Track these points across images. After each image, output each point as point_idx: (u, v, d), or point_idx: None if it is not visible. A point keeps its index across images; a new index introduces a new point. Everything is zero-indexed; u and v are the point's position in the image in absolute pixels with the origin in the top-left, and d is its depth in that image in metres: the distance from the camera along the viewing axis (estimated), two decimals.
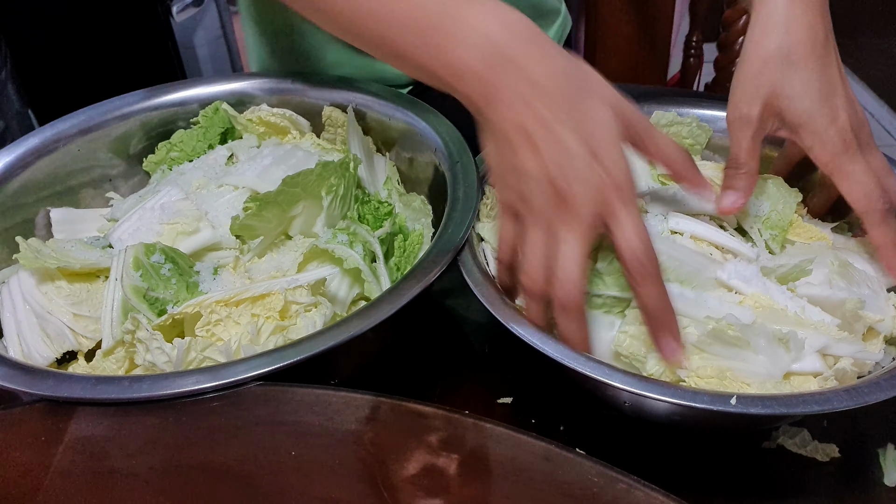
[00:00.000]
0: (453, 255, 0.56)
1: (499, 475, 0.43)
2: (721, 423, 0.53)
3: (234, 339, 0.53)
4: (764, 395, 0.47)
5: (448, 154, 0.65)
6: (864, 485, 0.52)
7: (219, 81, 0.78)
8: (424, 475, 0.43)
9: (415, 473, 0.43)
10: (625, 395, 0.48)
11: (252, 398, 0.48)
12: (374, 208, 0.67)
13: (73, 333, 0.58)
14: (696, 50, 1.41)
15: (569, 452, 0.44)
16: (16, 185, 0.68)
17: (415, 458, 0.44)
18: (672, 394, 0.46)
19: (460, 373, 0.62)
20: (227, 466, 0.44)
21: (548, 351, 0.49)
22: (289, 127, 0.75)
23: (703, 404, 0.45)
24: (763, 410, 0.45)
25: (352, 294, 0.61)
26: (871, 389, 0.46)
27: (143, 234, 0.63)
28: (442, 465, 0.44)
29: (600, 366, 0.48)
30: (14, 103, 1.52)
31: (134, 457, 0.45)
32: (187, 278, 0.59)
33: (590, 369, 0.47)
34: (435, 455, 0.44)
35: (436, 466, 0.43)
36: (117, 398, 0.48)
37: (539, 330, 0.50)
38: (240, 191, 0.66)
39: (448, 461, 0.44)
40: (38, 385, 0.49)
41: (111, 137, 0.74)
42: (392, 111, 0.72)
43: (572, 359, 0.48)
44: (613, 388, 0.47)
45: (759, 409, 0.45)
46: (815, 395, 0.46)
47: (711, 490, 0.53)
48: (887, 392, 0.46)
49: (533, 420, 0.57)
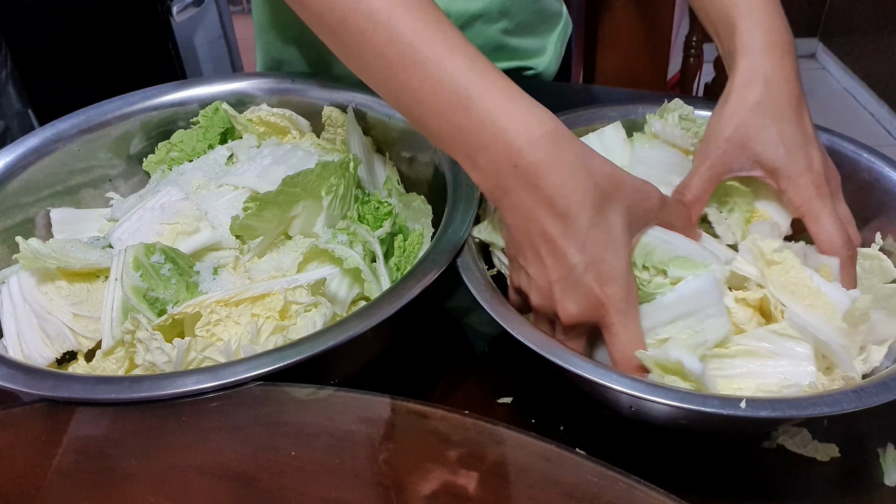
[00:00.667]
0: (453, 255, 0.56)
1: (498, 475, 0.43)
2: (729, 426, 0.53)
3: (234, 340, 0.53)
4: (773, 398, 0.47)
5: (448, 154, 0.65)
6: (864, 485, 0.52)
7: (219, 81, 0.78)
8: (426, 472, 0.43)
9: (416, 471, 0.43)
10: (628, 399, 0.48)
11: (252, 398, 0.48)
12: (373, 208, 0.67)
13: (72, 333, 0.58)
14: (695, 50, 1.42)
15: (569, 452, 0.44)
16: (16, 185, 0.68)
17: (416, 457, 0.44)
18: (680, 398, 0.46)
19: (460, 373, 0.62)
20: (227, 467, 0.44)
21: (554, 359, 0.48)
22: (289, 127, 0.75)
23: (712, 408, 0.45)
24: (773, 413, 0.45)
25: (352, 294, 0.61)
26: (878, 390, 0.46)
27: (143, 234, 0.63)
28: (443, 463, 0.44)
29: (602, 369, 0.48)
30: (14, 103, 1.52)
31: (134, 457, 0.45)
32: (187, 278, 0.59)
33: (591, 373, 0.47)
34: (435, 454, 0.44)
35: (437, 464, 0.43)
36: (117, 398, 0.48)
37: (539, 333, 0.50)
38: (240, 191, 0.66)
39: (449, 460, 0.44)
40: (38, 385, 0.49)
41: (111, 137, 0.74)
42: (392, 111, 0.72)
43: (574, 363, 0.48)
44: (616, 392, 0.47)
45: (769, 413, 0.45)
46: (824, 397, 0.46)
47: (711, 490, 0.53)
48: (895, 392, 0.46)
49: (533, 420, 0.57)
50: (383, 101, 0.72)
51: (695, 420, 0.50)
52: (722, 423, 0.51)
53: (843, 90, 2.76)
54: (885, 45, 2.53)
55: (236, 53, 2.00)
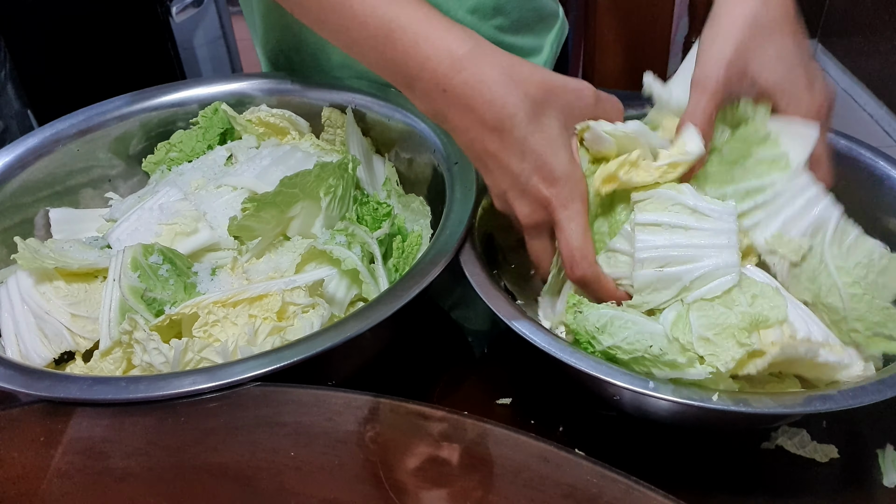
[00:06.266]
0: (451, 256, 0.56)
1: (498, 476, 0.43)
2: (725, 422, 0.52)
3: (232, 340, 0.53)
4: (769, 393, 0.47)
5: (447, 155, 0.65)
6: (862, 486, 0.52)
7: (218, 82, 0.78)
8: (425, 472, 0.43)
9: (415, 471, 0.43)
10: (625, 393, 0.48)
11: (251, 399, 0.48)
12: (372, 209, 0.67)
13: (70, 334, 0.58)
14: None
15: (568, 453, 0.44)
16: (15, 185, 0.68)
17: (415, 458, 0.44)
18: (678, 394, 0.46)
19: (460, 373, 0.62)
20: (226, 467, 0.44)
21: (558, 354, 0.48)
22: (288, 128, 0.75)
23: (716, 405, 0.45)
24: (771, 409, 0.45)
25: (350, 295, 0.61)
26: (875, 388, 0.46)
27: (141, 235, 0.63)
28: (442, 463, 0.43)
29: (602, 365, 0.48)
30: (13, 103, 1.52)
31: (132, 457, 0.45)
32: (185, 279, 0.59)
33: (592, 368, 0.47)
34: (435, 455, 0.44)
35: (437, 464, 0.43)
36: (114, 399, 0.48)
37: (540, 329, 0.50)
38: (238, 191, 0.66)
39: (449, 461, 0.44)
40: (35, 385, 0.49)
41: (110, 138, 0.74)
42: (391, 112, 0.72)
43: (576, 358, 0.48)
44: (614, 387, 0.47)
45: (765, 409, 0.45)
46: (818, 396, 0.46)
47: (711, 491, 0.53)
48: (893, 390, 0.46)
49: (532, 420, 0.57)
50: (383, 102, 0.73)
51: (692, 416, 0.50)
52: (720, 419, 0.51)
53: (842, 91, 2.76)
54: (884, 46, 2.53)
55: (236, 54, 2.00)
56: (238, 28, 2.02)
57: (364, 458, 0.44)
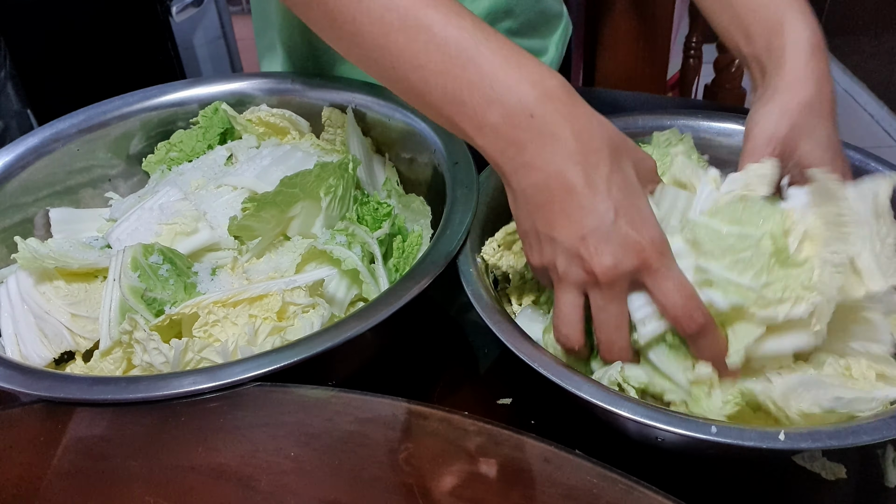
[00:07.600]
0: (452, 256, 0.56)
1: (498, 476, 0.43)
2: (765, 457, 0.51)
3: (232, 340, 0.53)
4: (811, 429, 0.44)
5: (447, 155, 0.65)
6: (863, 486, 0.52)
7: (218, 81, 0.78)
8: (425, 472, 0.43)
9: (415, 472, 0.43)
10: (659, 432, 0.46)
11: (251, 399, 0.48)
12: (373, 209, 0.67)
13: (70, 334, 0.58)
14: (695, 51, 1.41)
15: (568, 454, 0.44)
16: (15, 184, 0.68)
17: (415, 458, 0.44)
18: (717, 433, 0.43)
19: (460, 373, 0.62)
20: (226, 467, 0.44)
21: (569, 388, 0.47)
22: (288, 127, 0.75)
23: (751, 442, 0.43)
24: (814, 444, 0.43)
25: (350, 295, 0.61)
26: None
27: (141, 235, 0.63)
28: (441, 465, 0.43)
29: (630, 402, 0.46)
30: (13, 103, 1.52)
31: (133, 458, 0.45)
32: (185, 279, 0.59)
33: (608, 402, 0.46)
34: (435, 455, 0.44)
35: (435, 467, 0.43)
36: (114, 399, 0.48)
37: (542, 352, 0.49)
38: (239, 191, 0.66)
39: (447, 463, 0.44)
40: (35, 385, 0.49)
41: (111, 137, 0.74)
42: (392, 112, 0.72)
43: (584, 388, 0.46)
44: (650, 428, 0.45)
45: (810, 444, 0.43)
46: (864, 426, 0.44)
47: (710, 491, 0.52)
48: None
49: (532, 421, 0.57)
50: (383, 102, 0.73)
51: (732, 452, 0.47)
52: (759, 455, 0.49)
53: (843, 91, 2.76)
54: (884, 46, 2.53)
55: (236, 54, 2.00)
56: (238, 28, 2.02)
57: (364, 459, 0.44)
